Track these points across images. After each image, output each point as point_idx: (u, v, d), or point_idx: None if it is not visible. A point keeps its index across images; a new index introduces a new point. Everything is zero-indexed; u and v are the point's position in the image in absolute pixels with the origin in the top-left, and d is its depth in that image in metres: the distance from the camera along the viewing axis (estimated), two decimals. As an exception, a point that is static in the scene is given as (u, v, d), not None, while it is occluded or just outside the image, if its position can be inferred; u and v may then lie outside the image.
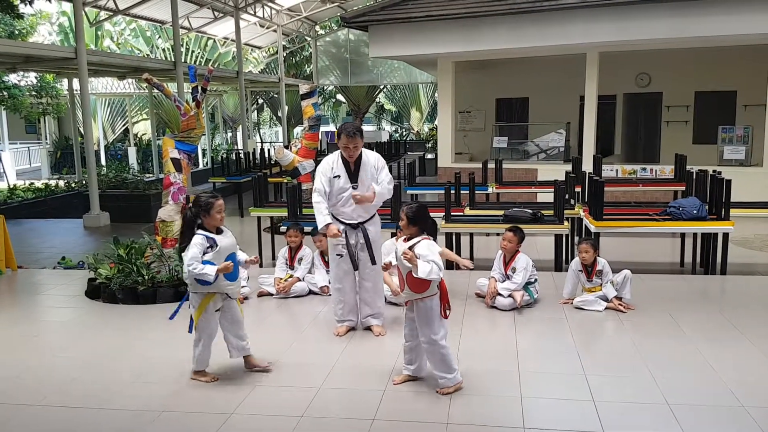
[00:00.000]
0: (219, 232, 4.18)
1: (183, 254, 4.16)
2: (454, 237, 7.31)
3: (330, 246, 5.23)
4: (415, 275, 3.84)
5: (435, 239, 4.07)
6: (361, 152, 5.02)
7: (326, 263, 6.30)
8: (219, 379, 4.25)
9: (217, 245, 4.08)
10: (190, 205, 4.17)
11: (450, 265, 7.24)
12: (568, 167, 10.43)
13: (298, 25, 23.85)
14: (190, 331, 4.22)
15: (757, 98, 12.32)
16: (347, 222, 5.05)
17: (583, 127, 12.78)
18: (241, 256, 4.44)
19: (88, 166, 12.04)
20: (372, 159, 5.09)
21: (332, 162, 5.05)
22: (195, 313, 4.18)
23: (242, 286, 5.78)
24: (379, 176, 5.08)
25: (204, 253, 4.05)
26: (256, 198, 8.45)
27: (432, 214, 8.06)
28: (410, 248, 3.92)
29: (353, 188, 4.99)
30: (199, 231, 4.11)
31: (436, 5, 12.09)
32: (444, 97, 13.63)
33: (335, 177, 5.01)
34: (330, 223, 4.92)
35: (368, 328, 5.19)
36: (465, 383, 4.07)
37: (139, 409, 3.86)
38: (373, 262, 5.07)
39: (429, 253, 3.88)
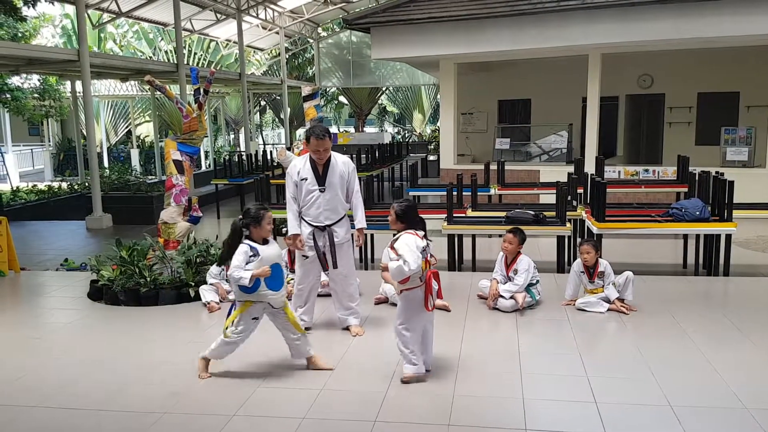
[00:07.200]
0: (265, 242, 4.23)
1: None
2: (456, 239, 7.31)
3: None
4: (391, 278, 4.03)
5: (425, 236, 4.17)
6: (330, 155, 5.04)
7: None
8: (211, 376, 4.30)
9: (259, 255, 4.13)
10: (240, 216, 4.23)
11: (453, 265, 7.25)
12: (571, 168, 10.41)
13: (300, 27, 23.88)
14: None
15: (760, 99, 12.31)
16: (314, 224, 5.06)
17: (585, 128, 12.77)
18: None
19: (90, 168, 12.06)
20: (341, 162, 5.10)
21: (299, 165, 5.07)
22: (230, 316, 4.24)
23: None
24: (350, 184, 5.11)
25: (247, 263, 4.10)
26: (259, 200, 8.46)
27: (434, 216, 8.01)
28: (391, 244, 4.10)
29: (320, 191, 5.00)
30: (245, 241, 4.18)
31: (437, 7, 12.09)
32: (446, 99, 13.63)
33: (302, 180, 5.02)
34: (297, 234, 5.03)
35: (346, 329, 5.22)
36: (468, 385, 4.10)
37: (142, 411, 3.86)
38: (335, 266, 5.10)
39: (401, 247, 3.98)
